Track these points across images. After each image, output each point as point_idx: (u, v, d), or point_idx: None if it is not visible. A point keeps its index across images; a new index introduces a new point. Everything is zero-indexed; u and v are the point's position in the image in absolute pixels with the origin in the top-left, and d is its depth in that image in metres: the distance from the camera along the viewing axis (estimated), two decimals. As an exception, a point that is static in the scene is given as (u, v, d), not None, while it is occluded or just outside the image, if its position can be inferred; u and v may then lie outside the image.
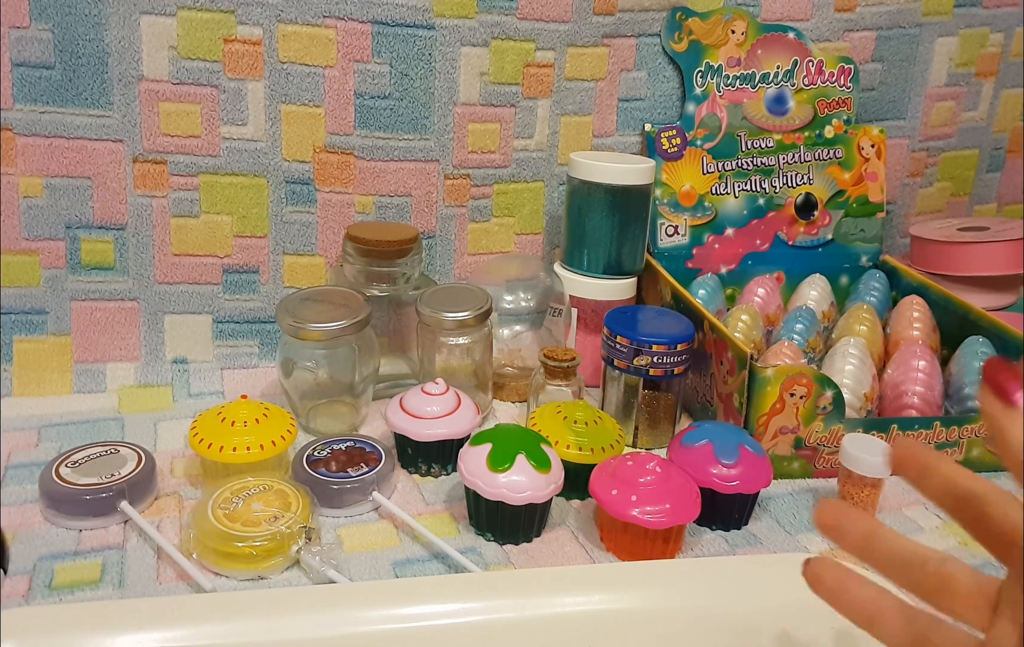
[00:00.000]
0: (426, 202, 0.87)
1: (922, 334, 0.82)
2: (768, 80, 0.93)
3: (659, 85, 0.92)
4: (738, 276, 0.94)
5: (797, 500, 0.70)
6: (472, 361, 0.79)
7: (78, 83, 0.75)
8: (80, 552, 0.58)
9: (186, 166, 0.79)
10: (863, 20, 0.95)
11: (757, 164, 0.94)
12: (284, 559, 0.57)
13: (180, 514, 0.63)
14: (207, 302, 0.83)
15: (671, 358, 0.74)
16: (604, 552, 0.62)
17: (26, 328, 0.78)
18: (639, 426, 0.77)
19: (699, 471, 0.63)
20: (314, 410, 0.76)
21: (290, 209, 0.83)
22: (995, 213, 1.11)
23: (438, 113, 0.85)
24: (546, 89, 0.88)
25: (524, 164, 0.90)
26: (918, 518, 0.69)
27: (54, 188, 0.77)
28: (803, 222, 0.95)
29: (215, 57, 0.78)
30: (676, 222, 0.92)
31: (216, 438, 0.64)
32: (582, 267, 0.86)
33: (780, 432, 0.71)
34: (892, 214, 1.04)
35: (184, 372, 0.82)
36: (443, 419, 0.69)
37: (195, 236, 0.81)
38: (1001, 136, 1.07)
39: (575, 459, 0.67)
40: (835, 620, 0.54)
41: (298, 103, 0.81)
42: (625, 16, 0.89)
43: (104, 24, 0.74)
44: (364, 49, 0.81)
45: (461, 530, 0.64)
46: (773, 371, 0.69)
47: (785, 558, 0.59)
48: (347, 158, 0.83)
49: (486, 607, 0.53)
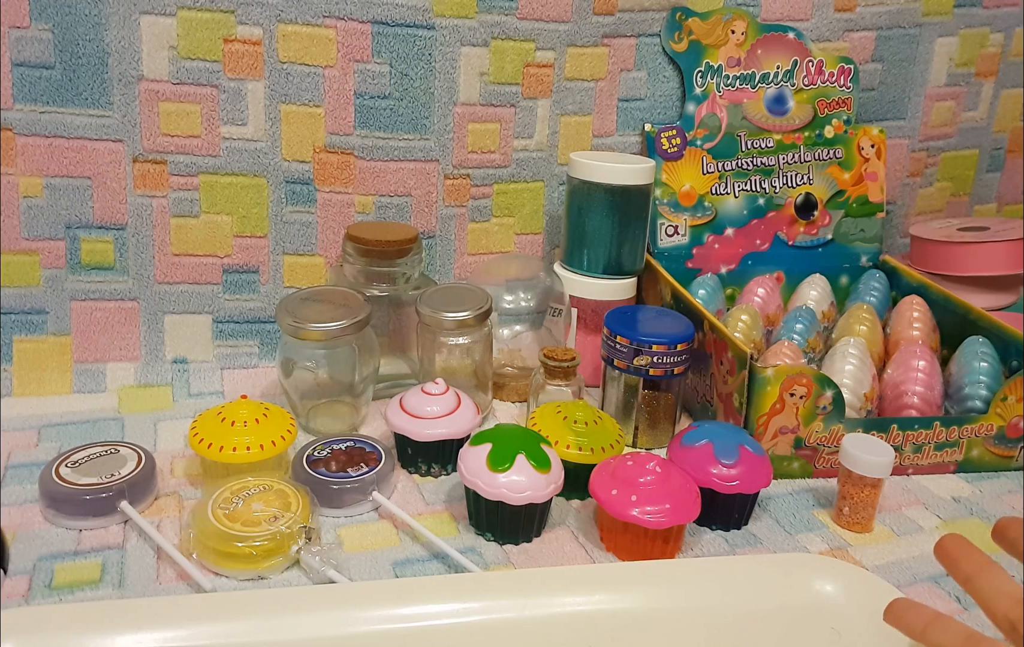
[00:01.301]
0: (426, 202, 0.87)
1: (922, 334, 0.82)
2: (768, 80, 0.93)
3: (659, 85, 0.92)
4: (738, 276, 0.94)
5: (797, 500, 0.70)
6: (472, 361, 0.79)
7: (78, 83, 0.75)
8: (80, 552, 0.58)
9: (186, 166, 0.79)
10: (863, 20, 0.95)
11: (757, 164, 0.94)
12: (284, 559, 0.57)
13: (180, 514, 0.63)
14: (207, 302, 0.83)
15: (671, 358, 0.74)
16: (604, 552, 0.62)
17: (26, 328, 0.78)
18: (639, 426, 0.77)
19: (699, 471, 0.63)
20: (314, 410, 0.76)
21: (290, 209, 0.83)
22: (995, 213, 1.11)
23: (438, 113, 0.85)
24: (546, 89, 0.88)
25: (524, 164, 0.90)
26: (918, 518, 0.69)
27: (54, 188, 0.77)
28: (803, 222, 0.95)
29: (215, 57, 0.78)
30: (676, 222, 0.92)
31: (216, 438, 0.64)
32: (582, 267, 0.86)
33: (780, 432, 0.71)
34: (892, 214, 1.04)
35: (184, 372, 0.82)
36: (443, 419, 0.69)
37: (195, 236, 0.81)
38: (1001, 136, 1.07)
39: (575, 459, 0.67)
40: (835, 620, 0.55)
41: (298, 103, 0.81)
42: (625, 16, 0.89)
43: (104, 24, 0.74)
44: (364, 49, 0.81)
45: (461, 530, 0.64)
46: (773, 371, 0.69)
47: (785, 558, 0.59)
48: (347, 158, 0.83)
49: (486, 607, 0.53)
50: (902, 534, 0.66)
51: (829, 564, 0.58)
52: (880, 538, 0.66)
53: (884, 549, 0.65)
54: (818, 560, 0.58)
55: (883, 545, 0.65)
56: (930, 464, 0.74)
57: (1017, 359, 0.77)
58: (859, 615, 0.54)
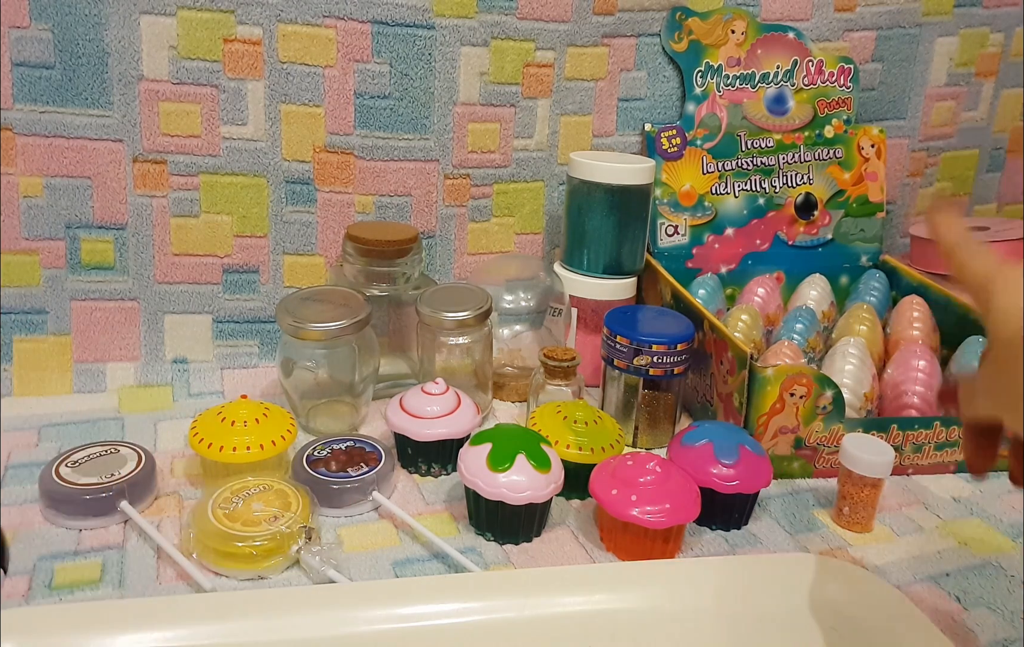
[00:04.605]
0: (426, 202, 0.87)
1: (922, 334, 0.82)
2: (768, 80, 0.93)
3: (659, 85, 0.92)
4: (738, 276, 0.94)
5: (797, 500, 0.70)
6: (472, 361, 0.79)
7: (78, 83, 0.75)
8: (80, 552, 0.58)
9: (186, 166, 0.79)
10: (863, 20, 0.95)
11: (757, 164, 0.94)
12: (284, 559, 0.57)
13: (180, 514, 0.63)
14: (207, 302, 0.83)
15: (671, 358, 0.74)
16: (604, 552, 0.62)
17: (26, 328, 0.78)
18: (639, 426, 0.77)
19: (699, 471, 0.63)
20: (314, 410, 0.76)
21: (290, 209, 0.83)
22: (995, 213, 1.11)
23: (438, 113, 0.85)
24: (546, 89, 0.88)
25: (524, 164, 0.90)
26: (918, 518, 0.69)
27: (54, 188, 0.77)
28: (803, 222, 0.95)
29: (215, 57, 0.78)
30: (676, 222, 0.92)
31: (216, 438, 0.64)
32: (582, 267, 0.86)
33: (780, 432, 0.71)
34: (892, 214, 1.04)
35: (184, 372, 0.82)
36: (443, 419, 0.69)
37: (195, 236, 0.81)
38: (1001, 136, 1.07)
39: (575, 459, 0.67)
40: (835, 620, 0.55)
41: (298, 103, 0.81)
42: (625, 16, 0.89)
43: (104, 24, 0.74)
44: (364, 49, 0.81)
45: (461, 530, 0.64)
46: (773, 371, 0.69)
47: (785, 558, 0.59)
48: (347, 158, 0.83)
49: (486, 607, 0.53)
50: (902, 534, 0.66)
51: (829, 564, 0.58)
52: (880, 538, 0.66)
53: (884, 549, 0.65)
54: (818, 560, 0.58)
55: (883, 545, 0.65)
56: (930, 464, 0.74)
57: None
58: (859, 615, 0.54)
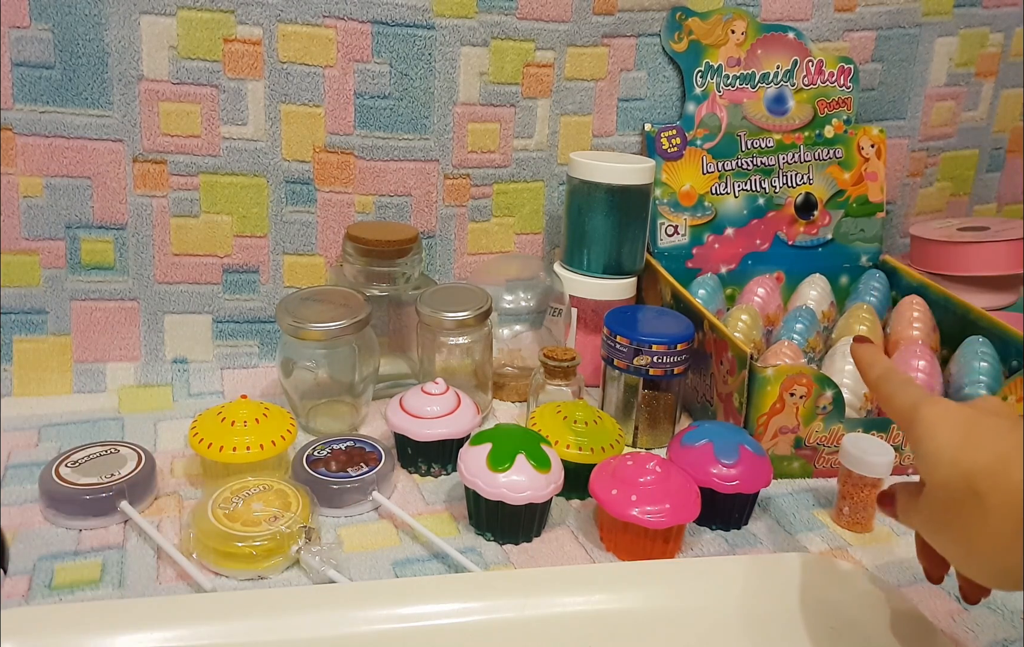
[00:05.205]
0: (426, 202, 0.87)
1: (922, 334, 0.82)
2: (768, 80, 0.93)
3: (659, 85, 0.92)
4: (738, 276, 0.94)
5: (797, 500, 0.70)
6: (472, 361, 0.79)
7: (78, 83, 0.75)
8: (80, 552, 0.58)
9: (186, 166, 0.79)
10: (863, 20, 0.95)
11: (757, 164, 0.94)
12: (284, 559, 0.57)
13: (180, 514, 0.63)
14: (207, 302, 0.83)
15: (671, 358, 0.74)
16: (604, 552, 0.62)
17: (26, 328, 0.78)
18: (639, 426, 0.77)
19: (699, 471, 0.63)
20: (314, 410, 0.76)
21: (290, 209, 0.83)
22: (995, 213, 1.11)
23: (438, 113, 0.85)
24: (546, 89, 0.88)
25: (524, 164, 0.90)
26: (918, 518, 0.69)
27: (54, 188, 0.77)
28: (803, 222, 0.95)
29: (215, 57, 0.78)
30: (676, 222, 0.92)
31: (216, 438, 0.64)
32: (582, 267, 0.86)
33: (780, 432, 0.71)
34: (892, 214, 1.04)
35: (184, 372, 0.82)
36: (443, 419, 0.69)
37: (195, 236, 0.81)
38: (1001, 136, 1.07)
39: (575, 459, 0.67)
40: (835, 620, 0.55)
41: (298, 103, 0.81)
42: (625, 16, 0.89)
43: (104, 24, 0.74)
44: (364, 49, 0.81)
45: (461, 530, 0.64)
46: (773, 371, 0.69)
47: (785, 558, 0.59)
48: (347, 158, 0.83)
49: (486, 607, 0.53)
50: (902, 534, 0.66)
51: (829, 564, 0.58)
52: (880, 538, 0.66)
53: (884, 549, 0.65)
54: (818, 560, 0.58)
55: (883, 545, 0.65)
56: (930, 464, 0.74)
57: (1017, 359, 0.77)
58: (859, 615, 0.54)
